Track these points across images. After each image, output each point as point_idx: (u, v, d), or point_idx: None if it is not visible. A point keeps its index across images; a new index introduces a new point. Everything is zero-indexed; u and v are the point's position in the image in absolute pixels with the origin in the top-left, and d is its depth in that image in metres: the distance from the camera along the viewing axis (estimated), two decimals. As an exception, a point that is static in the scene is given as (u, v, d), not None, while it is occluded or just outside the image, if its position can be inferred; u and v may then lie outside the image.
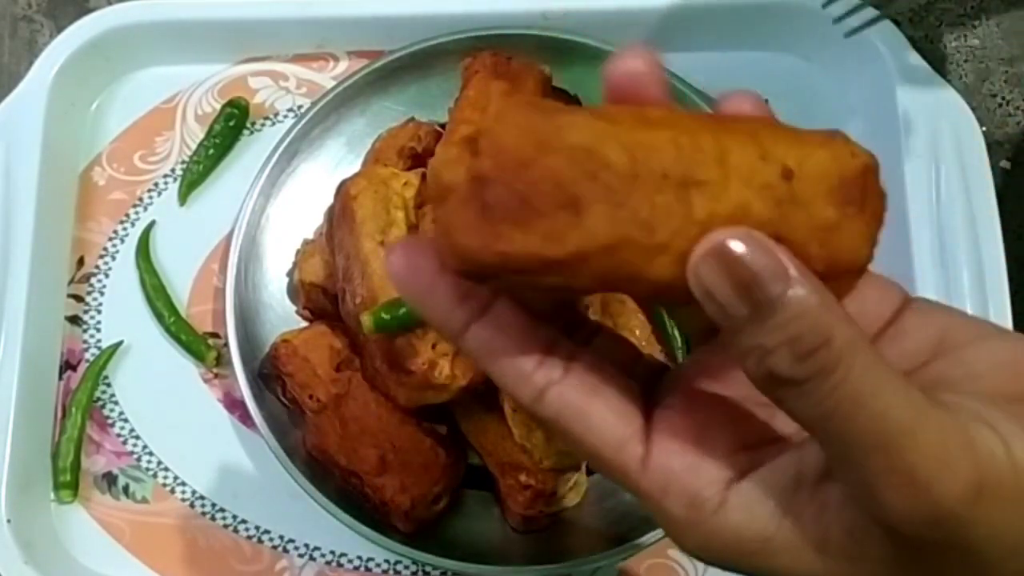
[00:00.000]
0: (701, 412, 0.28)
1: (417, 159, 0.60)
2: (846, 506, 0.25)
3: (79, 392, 0.60)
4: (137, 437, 0.60)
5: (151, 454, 0.60)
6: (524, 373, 0.27)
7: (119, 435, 0.60)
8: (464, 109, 0.56)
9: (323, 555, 0.58)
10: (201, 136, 0.65)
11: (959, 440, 0.24)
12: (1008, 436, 0.24)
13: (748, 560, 0.27)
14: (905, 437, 0.23)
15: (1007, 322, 0.57)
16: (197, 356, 0.61)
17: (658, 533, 0.54)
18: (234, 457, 0.60)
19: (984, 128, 0.62)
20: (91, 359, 0.61)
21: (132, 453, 0.60)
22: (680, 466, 0.27)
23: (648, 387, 0.29)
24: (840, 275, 0.26)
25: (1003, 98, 0.67)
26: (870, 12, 0.59)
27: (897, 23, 0.65)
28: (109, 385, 0.61)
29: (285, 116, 0.66)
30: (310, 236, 0.60)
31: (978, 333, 0.29)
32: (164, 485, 0.59)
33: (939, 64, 0.64)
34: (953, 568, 0.25)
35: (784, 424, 0.28)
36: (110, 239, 0.64)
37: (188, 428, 0.60)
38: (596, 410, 0.27)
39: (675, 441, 0.27)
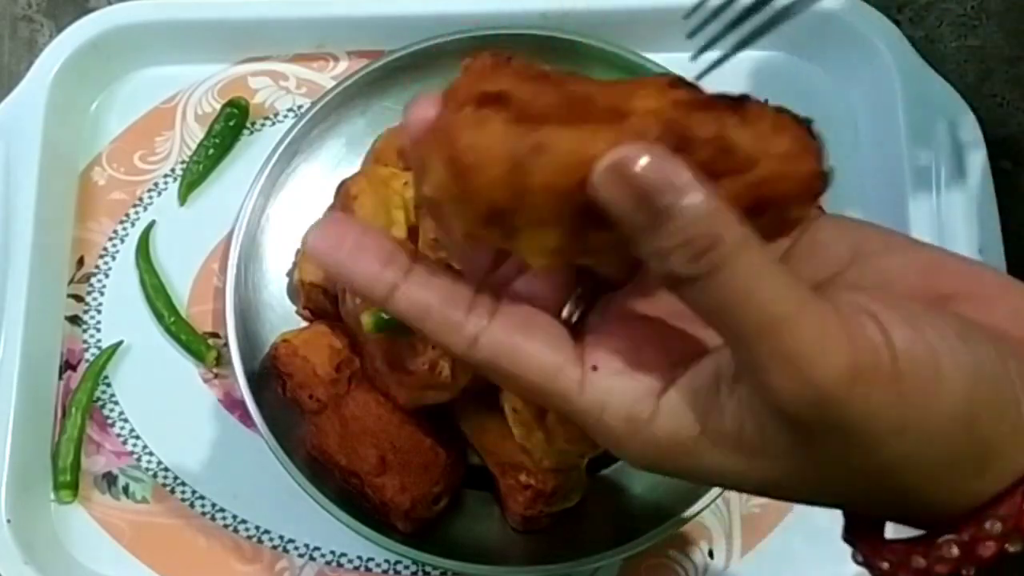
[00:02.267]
0: (632, 332, 0.30)
1: (417, 159, 0.59)
2: (754, 401, 0.27)
3: (79, 392, 0.60)
4: (137, 437, 0.60)
5: (151, 454, 0.60)
6: (455, 324, 0.28)
7: (119, 435, 0.60)
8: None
9: (323, 555, 0.58)
10: (201, 136, 0.65)
11: (837, 329, 0.26)
12: (889, 325, 0.26)
13: (683, 463, 0.29)
14: (787, 324, 0.26)
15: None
16: (197, 356, 0.61)
17: (659, 533, 0.54)
18: (234, 457, 0.60)
19: (984, 128, 0.62)
20: (91, 359, 0.61)
21: (132, 453, 0.60)
22: (615, 383, 0.28)
23: (582, 314, 0.31)
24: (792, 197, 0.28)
25: (1003, 98, 0.67)
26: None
27: (897, 23, 0.65)
28: (109, 385, 0.61)
29: (285, 116, 0.66)
30: (310, 236, 0.60)
31: (889, 244, 0.31)
32: (164, 485, 0.59)
33: (939, 64, 0.64)
34: (839, 452, 0.27)
35: (711, 337, 0.29)
36: (110, 239, 0.64)
37: (188, 428, 0.60)
38: (527, 344, 0.28)
39: (609, 360, 0.29)
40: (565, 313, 0.31)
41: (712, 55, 0.41)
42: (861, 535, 0.31)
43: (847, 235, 0.31)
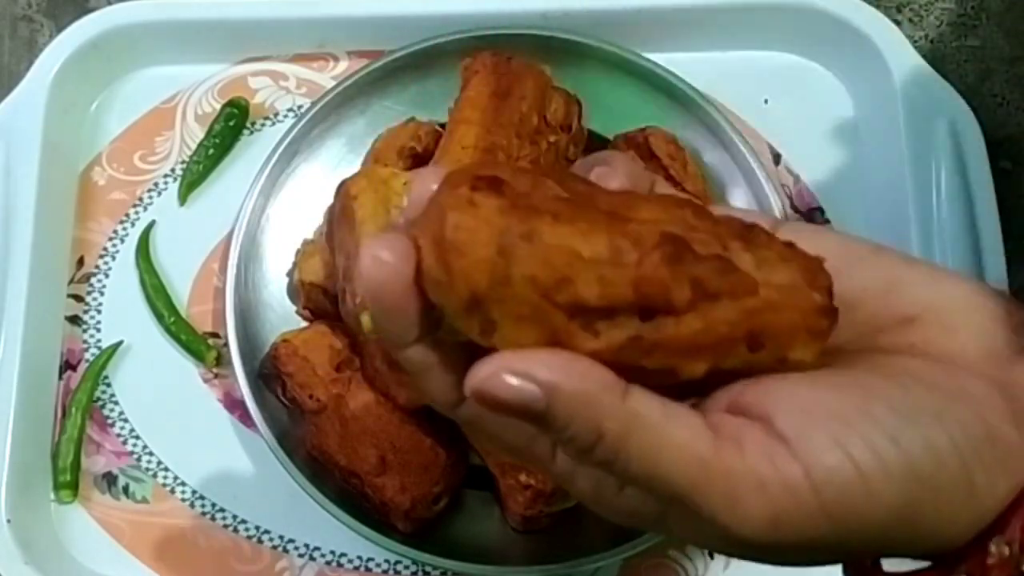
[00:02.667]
0: None
1: (417, 159, 0.60)
2: None
3: (79, 392, 0.60)
4: (137, 437, 0.60)
5: (151, 454, 0.60)
6: (448, 383, 0.28)
7: (119, 435, 0.60)
8: (464, 109, 0.56)
9: (323, 555, 0.58)
10: (201, 136, 0.65)
11: (748, 484, 0.26)
12: (811, 454, 0.26)
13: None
14: (696, 495, 0.26)
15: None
16: (197, 356, 0.61)
17: (658, 533, 0.54)
18: (234, 457, 0.60)
19: (984, 128, 0.62)
20: (91, 359, 0.61)
21: (132, 453, 0.60)
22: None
23: None
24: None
25: (1003, 98, 0.67)
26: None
27: (897, 23, 0.65)
28: (109, 385, 0.61)
29: (285, 116, 0.66)
30: (310, 236, 0.60)
31: (850, 259, 0.30)
32: (164, 485, 0.59)
33: (939, 64, 0.64)
34: (789, 556, 0.28)
35: None
36: (110, 239, 0.64)
37: (188, 428, 0.60)
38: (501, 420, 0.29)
39: None
40: None
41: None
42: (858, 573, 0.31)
43: (807, 248, 0.29)
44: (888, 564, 0.30)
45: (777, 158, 0.65)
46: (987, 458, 0.27)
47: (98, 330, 0.62)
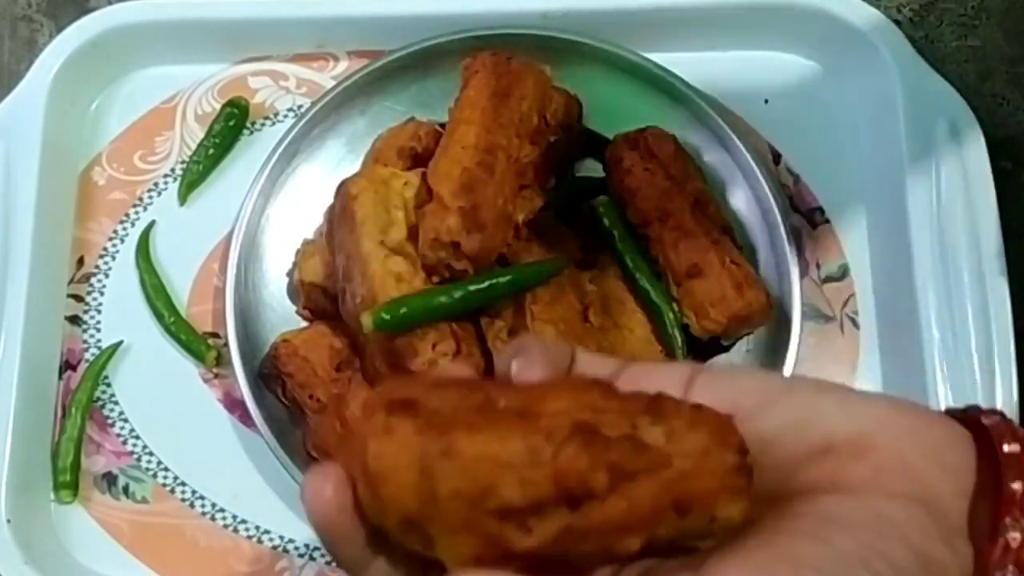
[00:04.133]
0: None
1: (417, 159, 0.59)
2: None
3: (79, 392, 0.60)
4: (137, 437, 0.60)
5: (151, 454, 0.60)
6: None
7: (119, 435, 0.60)
8: (464, 109, 0.56)
9: (323, 555, 0.58)
10: (201, 136, 0.65)
11: None
12: None
13: None
14: None
15: (1007, 323, 0.57)
16: (197, 356, 0.61)
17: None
18: (234, 457, 0.60)
19: (984, 128, 0.62)
20: (91, 359, 0.61)
21: (132, 453, 0.60)
22: None
23: None
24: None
25: (1004, 98, 0.67)
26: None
27: (898, 23, 0.65)
28: (109, 385, 0.61)
29: (285, 116, 0.66)
30: (310, 236, 0.60)
31: (762, 401, 0.30)
32: (164, 485, 0.59)
33: (939, 64, 0.64)
34: None
35: None
36: (110, 239, 0.64)
37: (188, 428, 0.60)
38: None
39: None
40: None
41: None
42: None
43: (723, 395, 0.30)
44: None
45: (777, 158, 0.65)
46: None
47: (98, 330, 0.62)
